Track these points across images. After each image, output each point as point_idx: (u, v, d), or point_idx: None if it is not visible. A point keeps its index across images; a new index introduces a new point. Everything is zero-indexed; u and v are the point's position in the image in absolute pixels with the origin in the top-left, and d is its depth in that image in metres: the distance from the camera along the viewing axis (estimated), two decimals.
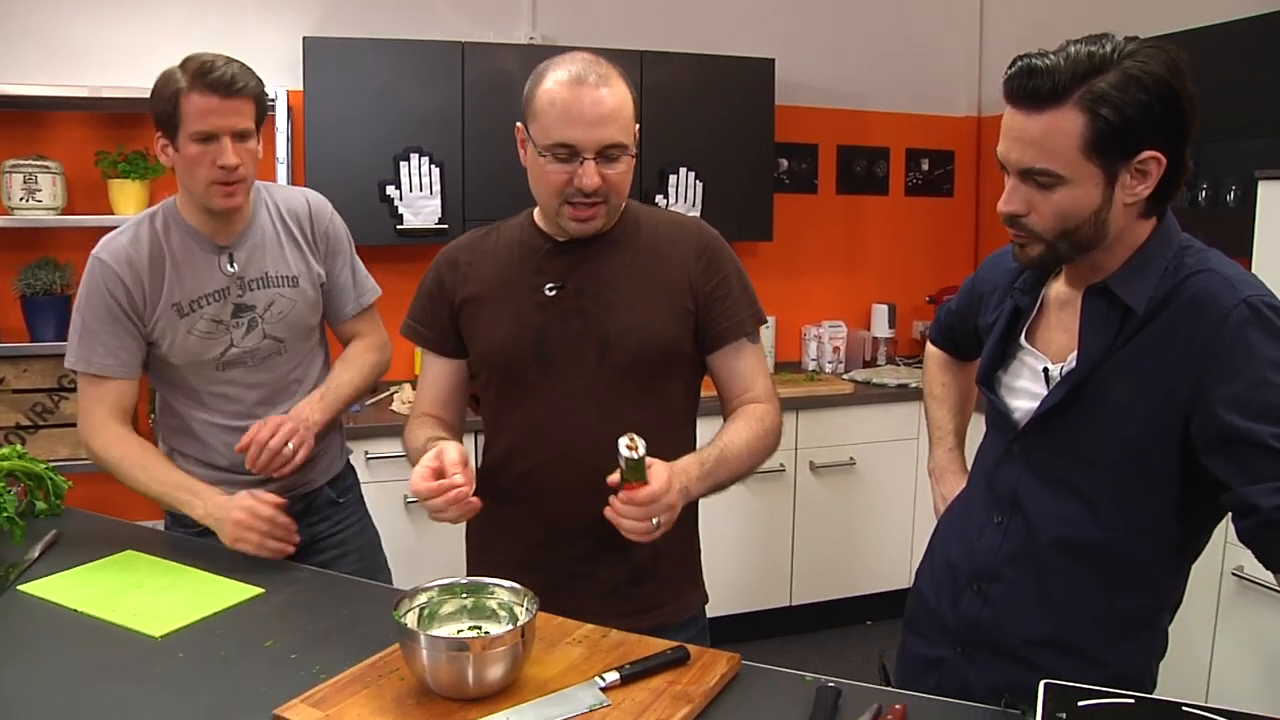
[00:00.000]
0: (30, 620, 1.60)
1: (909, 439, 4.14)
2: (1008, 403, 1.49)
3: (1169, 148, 1.27)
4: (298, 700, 1.26)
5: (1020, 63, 1.30)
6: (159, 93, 1.85)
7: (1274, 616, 2.66)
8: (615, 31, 4.01)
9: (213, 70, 1.81)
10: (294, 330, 2.06)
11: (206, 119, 1.83)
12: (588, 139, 1.56)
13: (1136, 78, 1.23)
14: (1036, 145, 1.29)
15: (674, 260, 1.70)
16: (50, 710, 1.31)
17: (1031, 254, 1.37)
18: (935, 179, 4.82)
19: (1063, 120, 1.26)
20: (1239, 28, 3.09)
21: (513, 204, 3.60)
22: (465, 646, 1.24)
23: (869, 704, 1.27)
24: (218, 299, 1.97)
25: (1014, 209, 1.34)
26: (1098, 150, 1.26)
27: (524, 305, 1.68)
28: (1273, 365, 1.23)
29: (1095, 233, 1.31)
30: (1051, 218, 1.31)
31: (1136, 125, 1.24)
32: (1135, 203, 1.31)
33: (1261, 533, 1.22)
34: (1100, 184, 1.28)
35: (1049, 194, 1.30)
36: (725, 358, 1.73)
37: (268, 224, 2.04)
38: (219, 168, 1.85)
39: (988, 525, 1.50)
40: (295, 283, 2.05)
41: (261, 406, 2.02)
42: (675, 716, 1.23)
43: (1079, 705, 1.15)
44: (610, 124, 1.57)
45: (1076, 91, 1.24)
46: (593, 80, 1.57)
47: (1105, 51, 1.24)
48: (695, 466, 1.57)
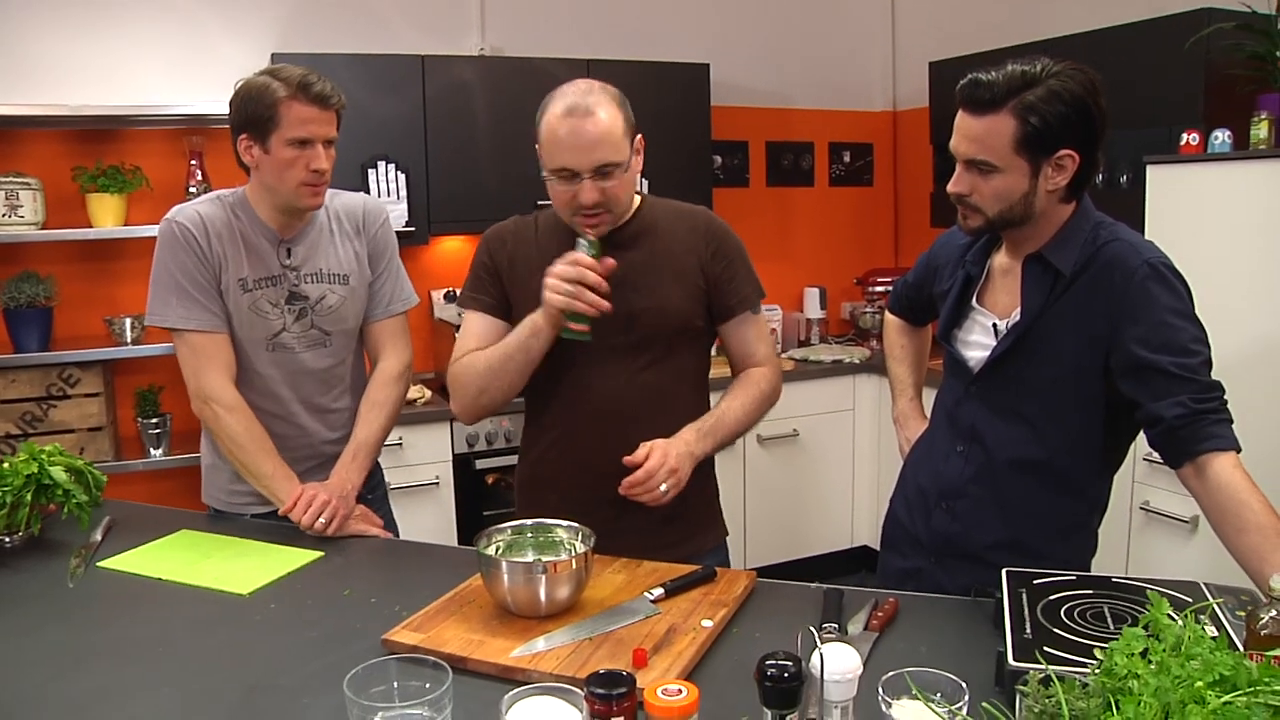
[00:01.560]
0: (122, 589, 1.77)
1: (845, 410, 4.47)
2: (964, 353, 1.82)
3: (1082, 148, 1.60)
4: (400, 627, 1.50)
5: (970, 76, 1.62)
6: (254, 97, 1.98)
7: (1176, 543, 3.05)
8: (561, 42, 4.24)
9: (313, 84, 1.97)
10: (340, 325, 2.19)
11: (305, 126, 1.98)
12: (581, 162, 1.79)
13: (1058, 93, 1.57)
14: (978, 141, 1.62)
15: (687, 247, 1.96)
16: (175, 656, 1.49)
17: (972, 224, 1.71)
18: (856, 170, 5.14)
19: (998, 123, 1.59)
20: (1126, 31, 3.41)
21: (474, 206, 3.86)
22: (540, 569, 1.51)
23: (866, 601, 1.58)
24: (274, 283, 2.11)
25: (960, 190, 1.68)
26: (1025, 148, 1.59)
27: None
28: (1169, 310, 1.58)
29: (1024, 212, 1.65)
30: (990, 198, 1.65)
31: (1056, 130, 1.57)
32: (1055, 190, 1.63)
33: (1165, 438, 1.56)
34: (1027, 174, 1.61)
35: (988, 179, 1.63)
36: (733, 328, 2.01)
37: (325, 223, 2.18)
38: (312, 171, 2.01)
39: (952, 454, 1.83)
40: (346, 280, 2.18)
41: (300, 402, 2.17)
42: (716, 617, 1.51)
43: (1034, 583, 1.47)
44: (599, 148, 1.79)
45: (1010, 101, 1.58)
46: (582, 110, 1.78)
47: (1035, 71, 1.58)
48: (691, 432, 1.87)
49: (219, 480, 2.23)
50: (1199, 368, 1.56)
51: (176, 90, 3.67)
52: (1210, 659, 0.93)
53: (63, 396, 3.45)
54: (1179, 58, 3.16)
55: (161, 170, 3.66)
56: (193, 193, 3.60)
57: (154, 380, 3.71)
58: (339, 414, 2.24)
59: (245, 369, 2.13)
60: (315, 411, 2.21)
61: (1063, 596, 1.43)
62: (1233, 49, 3.05)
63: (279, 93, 1.96)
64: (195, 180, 3.62)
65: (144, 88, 3.65)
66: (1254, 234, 2.81)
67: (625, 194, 1.89)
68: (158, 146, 3.72)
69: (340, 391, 2.24)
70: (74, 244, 3.62)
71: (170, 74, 3.70)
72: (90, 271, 3.70)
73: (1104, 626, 1.34)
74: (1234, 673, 0.92)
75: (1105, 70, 1.64)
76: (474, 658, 1.41)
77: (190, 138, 3.65)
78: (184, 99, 3.62)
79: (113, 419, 3.63)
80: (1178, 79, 3.24)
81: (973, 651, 1.41)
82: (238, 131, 2.04)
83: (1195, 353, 1.56)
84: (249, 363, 2.13)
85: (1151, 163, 3.10)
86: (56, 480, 1.95)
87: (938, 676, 1.14)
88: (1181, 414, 1.52)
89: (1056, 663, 1.19)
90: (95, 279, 3.70)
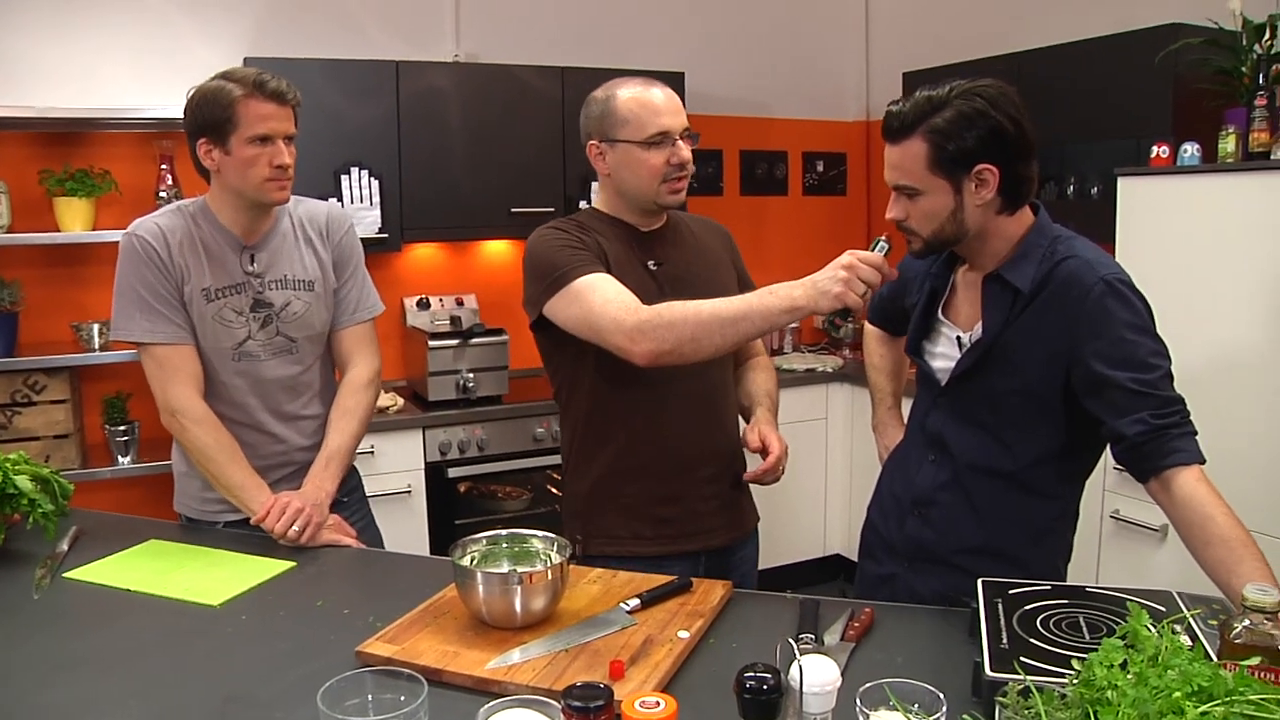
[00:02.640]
0: (90, 600, 1.74)
1: (818, 419, 4.49)
2: (931, 365, 1.84)
3: (999, 161, 1.63)
4: (374, 639, 1.49)
5: (886, 110, 1.68)
6: (210, 100, 1.99)
7: (1146, 551, 3.08)
8: (536, 49, 4.22)
9: (268, 81, 1.99)
10: (306, 332, 2.18)
11: (265, 123, 1.99)
12: (675, 123, 1.98)
13: (964, 113, 1.60)
14: (898, 167, 1.67)
15: (719, 245, 2.18)
16: (144, 670, 1.47)
17: (915, 248, 1.75)
18: (830, 179, 5.18)
19: (911, 148, 1.64)
20: (1096, 44, 3.44)
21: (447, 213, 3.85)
22: (515, 580, 1.50)
23: (843, 611, 1.58)
24: (238, 291, 2.10)
25: (895, 215, 1.72)
26: (940, 167, 1.63)
27: (637, 277, 1.97)
28: (1127, 325, 1.60)
29: (957, 229, 1.68)
30: (921, 219, 1.68)
31: (966, 147, 1.61)
32: (985, 204, 1.66)
33: (1129, 454, 1.58)
34: (949, 192, 1.65)
35: (916, 201, 1.68)
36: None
37: (289, 230, 2.17)
38: (275, 167, 2.01)
39: (923, 462, 1.85)
40: (311, 287, 2.18)
41: (267, 410, 2.15)
42: (692, 627, 1.51)
43: (1009, 593, 1.48)
44: (681, 112, 2.01)
45: (920, 127, 1.62)
46: (658, 84, 2.00)
47: (942, 94, 1.62)
48: (768, 414, 2.14)
49: (190, 489, 2.21)
50: (1158, 382, 1.58)
51: (147, 93, 3.63)
52: (1189, 670, 0.94)
53: (28, 403, 3.40)
54: (1149, 72, 3.20)
55: (131, 174, 3.62)
56: (163, 197, 3.57)
57: (122, 387, 3.67)
58: (309, 421, 2.23)
59: (211, 379, 2.12)
60: (284, 419, 2.19)
61: (1038, 606, 1.44)
62: (1200, 64, 3.09)
63: (235, 93, 1.97)
64: (165, 185, 3.58)
65: (114, 90, 3.60)
66: (1222, 245, 2.84)
67: None
68: (127, 150, 3.68)
69: (309, 398, 2.23)
70: (40, 248, 3.57)
71: (141, 77, 3.67)
72: (57, 276, 3.64)
73: (1080, 636, 1.34)
74: (1211, 683, 0.93)
75: (1077, 82, 1.67)
76: (449, 670, 1.39)
77: (161, 142, 3.61)
78: (155, 102, 3.57)
79: (80, 426, 3.58)
80: (1147, 92, 3.28)
81: (949, 662, 1.42)
82: (196, 136, 2.04)
83: (1154, 367, 1.58)
84: (215, 373, 2.12)
85: (1122, 174, 3.14)
86: (21, 489, 1.92)
87: (915, 687, 1.13)
88: (1143, 430, 1.55)
89: (1034, 673, 1.20)
90: (62, 284, 3.65)
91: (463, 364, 3.80)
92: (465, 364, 3.80)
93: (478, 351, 3.82)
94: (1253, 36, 3.00)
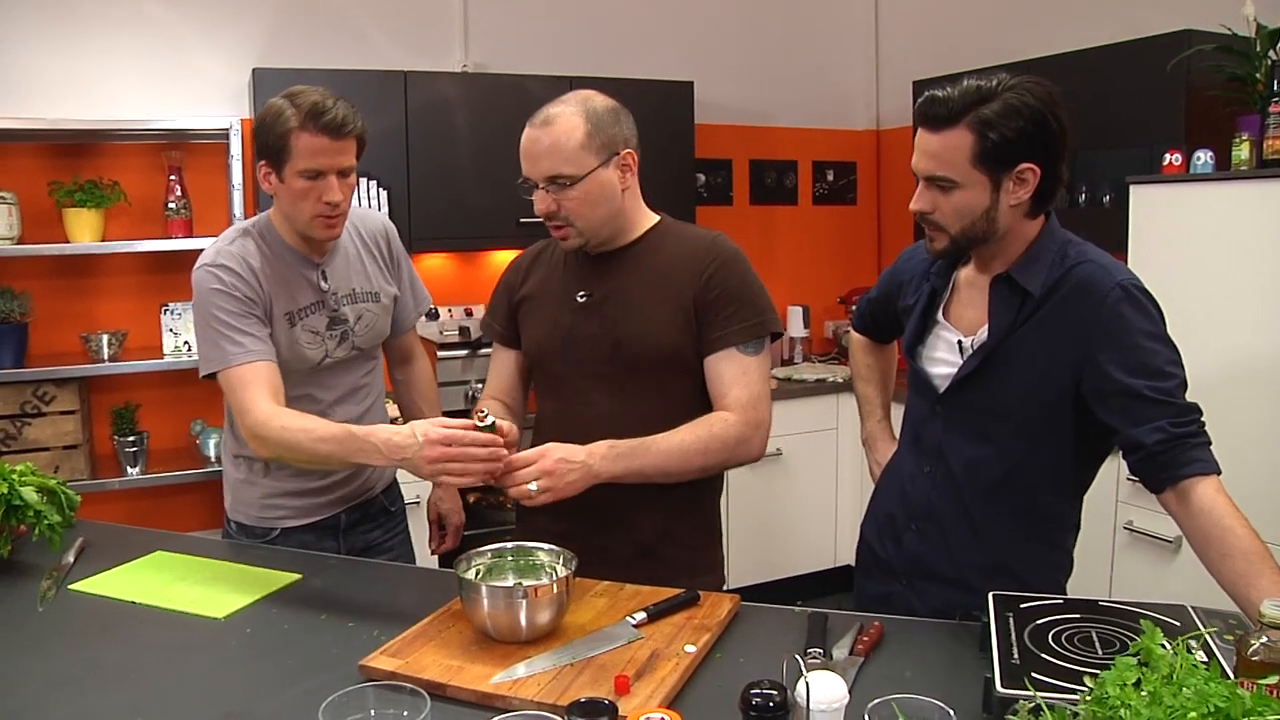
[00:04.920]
0: (94, 613, 1.74)
1: (829, 429, 4.46)
2: (929, 370, 1.79)
3: (1042, 161, 1.59)
4: (378, 653, 1.47)
5: (927, 93, 1.62)
6: (268, 125, 1.89)
7: (1159, 563, 3.04)
8: (544, 59, 4.23)
9: (325, 113, 1.86)
10: (374, 340, 2.19)
11: (316, 158, 1.88)
12: (533, 172, 1.80)
13: (1015, 106, 1.55)
14: (937, 157, 1.61)
15: (683, 272, 1.85)
16: (145, 684, 1.45)
17: (938, 246, 1.69)
18: (840, 189, 5.16)
19: (956, 138, 1.58)
20: (1107, 52, 3.43)
21: (456, 224, 3.84)
22: (520, 594, 1.48)
23: (852, 625, 1.56)
24: (315, 310, 2.06)
25: (921, 207, 1.66)
26: (984, 162, 1.58)
27: (562, 309, 1.92)
28: (1143, 333, 1.56)
29: (988, 227, 1.63)
30: (951, 214, 1.63)
31: (1014, 144, 1.56)
32: (1018, 205, 1.62)
33: (1145, 463, 1.54)
34: (987, 189, 1.60)
35: (948, 195, 1.62)
36: (712, 364, 1.85)
37: (349, 243, 2.14)
38: (324, 203, 1.92)
39: (919, 475, 1.80)
40: (377, 298, 2.16)
41: (336, 407, 2.12)
42: (699, 641, 1.49)
43: (1020, 607, 1.45)
44: (547, 159, 1.76)
45: (967, 116, 1.57)
46: (541, 120, 1.78)
47: (991, 85, 1.57)
48: (603, 446, 1.73)
49: (248, 495, 2.18)
50: (1175, 390, 1.54)
51: (156, 105, 3.65)
52: (1204, 689, 0.92)
53: (37, 414, 3.40)
54: (1161, 79, 3.18)
55: (140, 185, 3.63)
56: (171, 208, 3.58)
57: (131, 398, 3.67)
58: (369, 416, 2.22)
59: (287, 394, 2.01)
60: (352, 420, 2.11)
61: (1050, 620, 1.42)
62: (1214, 70, 3.07)
63: (290, 122, 1.87)
64: (174, 196, 3.59)
65: (123, 102, 3.62)
66: (1236, 254, 2.82)
67: (590, 209, 1.81)
68: (136, 161, 3.69)
69: (371, 400, 2.25)
70: (50, 259, 3.58)
71: (149, 88, 3.68)
72: (66, 287, 3.65)
73: (1092, 652, 1.32)
74: (1228, 703, 0.91)
75: (1088, 90, 1.64)
76: (453, 684, 1.38)
77: (169, 153, 3.62)
78: (163, 113, 3.60)
79: (89, 437, 3.58)
80: (1160, 100, 3.26)
81: (959, 676, 1.39)
82: (258, 158, 1.96)
83: (1171, 375, 1.55)
84: (289, 390, 2.02)
85: (1134, 183, 3.12)
86: (27, 501, 1.91)
87: (924, 703, 1.12)
88: (1161, 439, 1.51)
89: (1045, 689, 1.17)
90: (71, 295, 3.66)
91: (471, 374, 3.79)
92: (474, 374, 3.80)
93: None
94: (1267, 43, 2.98)
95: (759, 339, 1.86)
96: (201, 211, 3.64)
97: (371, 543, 2.26)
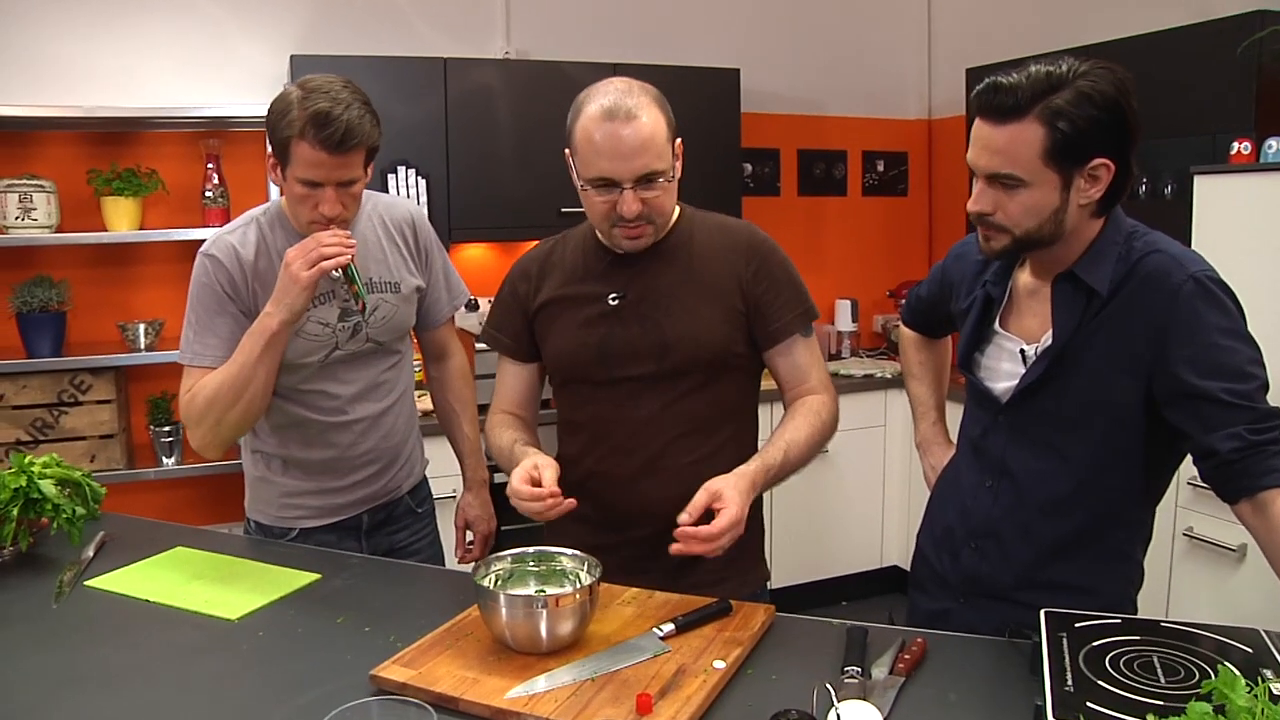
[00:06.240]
0: (108, 611, 1.69)
1: (877, 426, 4.34)
2: (988, 382, 1.67)
3: (1117, 155, 1.45)
4: (390, 662, 1.40)
5: (988, 80, 1.47)
6: (273, 122, 1.82)
7: (1220, 571, 2.90)
8: (588, 45, 4.16)
9: (328, 124, 1.76)
10: (393, 334, 2.10)
11: (313, 170, 1.81)
12: (624, 171, 1.64)
13: (1088, 95, 1.42)
14: (1002, 153, 1.46)
15: (725, 266, 1.79)
16: (150, 688, 1.41)
17: (996, 246, 1.55)
18: (890, 179, 5.02)
19: (1024, 131, 1.43)
20: (1171, 36, 3.29)
21: (496, 213, 3.78)
22: (540, 604, 1.40)
23: (892, 641, 1.46)
24: (324, 301, 1.98)
25: (982, 208, 1.52)
26: (1055, 158, 1.44)
27: (591, 313, 1.81)
28: (1219, 330, 1.43)
29: (1055, 230, 1.49)
30: (1017, 215, 1.49)
31: (1088, 136, 1.42)
32: (1089, 204, 1.49)
33: (1219, 472, 1.42)
34: (1058, 187, 1.46)
35: (1014, 195, 1.48)
36: (780, 355, 1.81)
37: (370, 231, 2.05)
38: (319, 213, 1.86)
39: (980, 489, 1.68)
40: (397, 289, 2.07)
41: (355, 403, 2.06)
42: (729, 656, 1.40)
43: (1075, 627, 1.35)
44: (643, 154, 1.63)
45: (1036, 107, 1.42)
46: (624, 114, 1.62)
47: (1062, 71, 1.43)
48: (760, 474, 1.65)
49: (267, 494, 2.13)
50: (1254, 393, 1.41)
51: (194, 92, 3.63)
52: None
53: (74, 403, 3.40)
54: (1230, 63, 3.03)
55: (178, 174, 3.61)
56: (209, 197, 3.54)
57: (167, 388, 3.64)
58: (392, 414, 2.15)
59: (297, 390, 2.02)
60: (372, 417, 2.10)
61: (1107, 642, 1.30)
62: None
63: (291, 129, 1.78)
64: (212, 184, 3.56)
65: (161, 90, 3.59)
66: None
67: (669, 204, 1.75)
68: (174, 149, 3.67)
69: (390, 389, 2.15)
70: (88, 248, 3.57)
71: (187, 76, 3.65)
72: (104, 276, 3.64)
73: (1154, 679, 1.21)
74: None
75: (1150, 77, 1.50)
76: (466, 698, 1.31)
77: (208, 141, 3.59)
78: (201, 101, 3.57)
79: (125, 426, 3.57)
80: (1228, 85, 3.11)
81: (1007, 701, 1.30)
82: (270, 150, 1.89)
83: (1251, 377, 1.42)
84: (301, 384, 2.02)
85: (1199, 173, 2.96)
86: (45, 494, 1.88)
87: None
88: (1238, 446, 1.38)
89: None
90: (109, 284, 3.65)
91: None
92: None
93: None
94: None
95: (811, 321, 1.85)
96: (239, 200, 3.59)
97: (396, 545, 2.20)
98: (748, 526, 1.60)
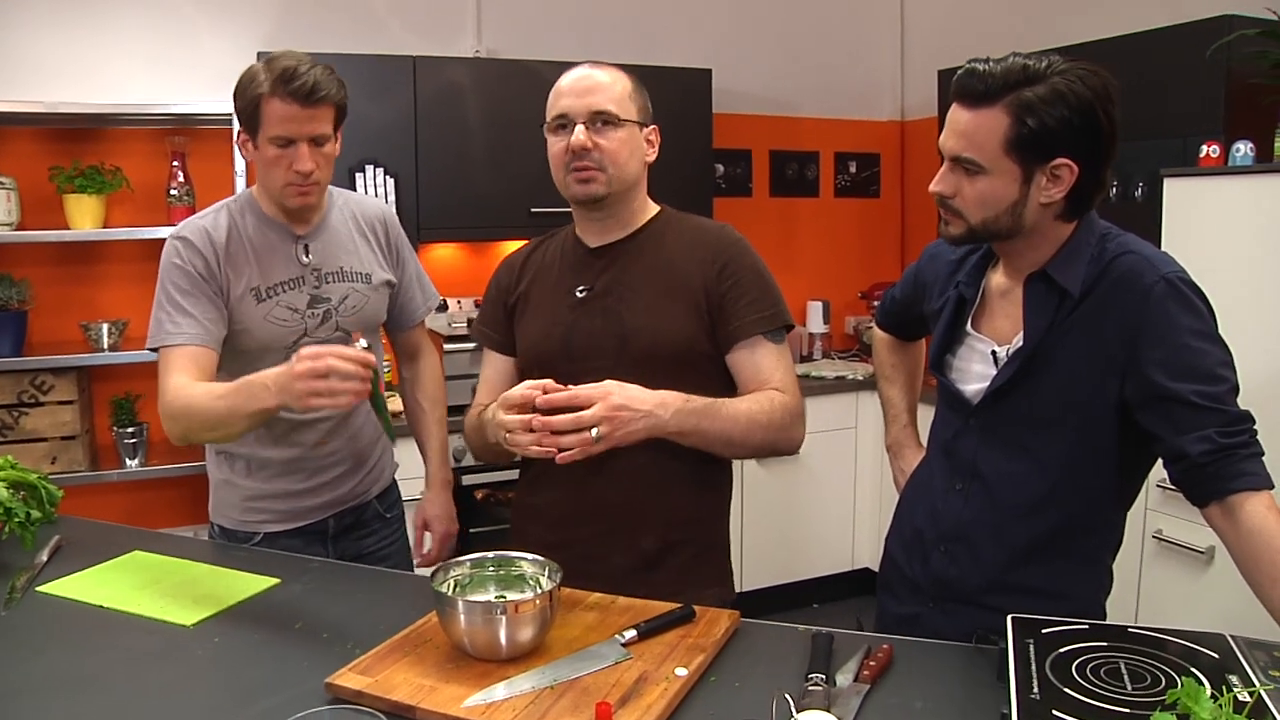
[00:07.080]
0: (59, 618, 1.65)
1: (847, 428, 4.34)
2: (960, 384, 1.66)
3: (1083, 159, 1.45)
4: (345, 669, 1.37)
5: (967, 64, 1.47)
6: (241, 90, 1.86)
7: (1191, 576, 2.90)
8: (559, 45, 4.12)
9: (295, 78, 1.81)
10: (364, 325, 2.08)
11: (285, 125, 1.84)
12: (578, 106, 1.71)
13: (1062, 94, 1.41)
14: (966, 136, 1.47)
15: (693, 264, 1.78)
16: (100, 697, 1.37)
17: (953, 232, 1.55)
18: (862, 181, 5.02)
19: (990, 119, 1.44)
20: (1141, 39, 3.29)
21: (465, 213, 3.74)
22: (500, 610, 1.37)
23: (858, 647, 1.44)
24: (294, 286, 1.98)
25: (943, 190, 1.53)
26: (1017, 150, 1.44)
27: (559, 306, 1.82)
28: (1190, 332, 1.42)
29: (1012, 223, 1.49)
30: (974, 202, 1.49)
31: (1055, 134, 1.42)
32: (1050, 204, 1.48)
33: (1189, 475, 1.41)
34: (1017, 179, 1.46)
35: (973, 181, 1.48)
36: (741, 357, 1.77)
37: (342, 224, 2.07)
38: (295, 172, 1.88)
39: (950, 492, 1.66)
40: (368, 279, 2.08)
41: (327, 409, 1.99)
42: (692, 664, 1.37)
43: (1042, 633, 1.33)
44: (598, 93, 1.72)
45: (1007, 96, 1.43)
46: (586, 66, 1.75)
47: (1039, 66, 1.42)
48: (677, 398, 1.61)
49: (230, 498, 2.10)
50: (1225, 396, 1.40)
51: (159, 89, 3.57)
52: None
53: (35, 404, 3.33)
54: (1199, 66, 3.03)
55: (143, 171, 3.55)
56: (174, 195, 3.50)
57: (131, 388, 3.59)
58: (360, 414, 2.12)
59: None
60: (339, 416, 2.07)
61: (1074, 649, 1.29)
62: (1256, 58, 2.91)
63: (261, 88, 1.83)
64: (177, 182, 3.51)
65: (125, 86, 3.53)
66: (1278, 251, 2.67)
67: (625, 158, 1.75)
68: (139, 147, 3.61)
69: None
70: (50, 246, 3.51)
71: (153, 72, 3.60)
72: (67, 275, 3.58)
73: (1121, 686, 1.20)
74: None
75: (1121, 79, 1.49)
76: (422, 707, 1.27)
77: (173, 138, 3.54)
78: (167, 98, 3.52)
79: (88, 427, 3.51)
80: (1197, 88, 3.12)
81: (973, 708, 1.28)
82: (239, 125, 1.92)
83: (1221, 379, 1.41)
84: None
85: (1169, 175, 2.96)
86: None
87: None
88: (1208, 450, 1.37)
89: None
90: (72, 282, 3.59)
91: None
92: None
93: None
94: None
95: (780, 330, 1.79)
96: (205, 198, 3.53)
97: (364, 550, 2.16)
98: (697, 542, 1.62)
